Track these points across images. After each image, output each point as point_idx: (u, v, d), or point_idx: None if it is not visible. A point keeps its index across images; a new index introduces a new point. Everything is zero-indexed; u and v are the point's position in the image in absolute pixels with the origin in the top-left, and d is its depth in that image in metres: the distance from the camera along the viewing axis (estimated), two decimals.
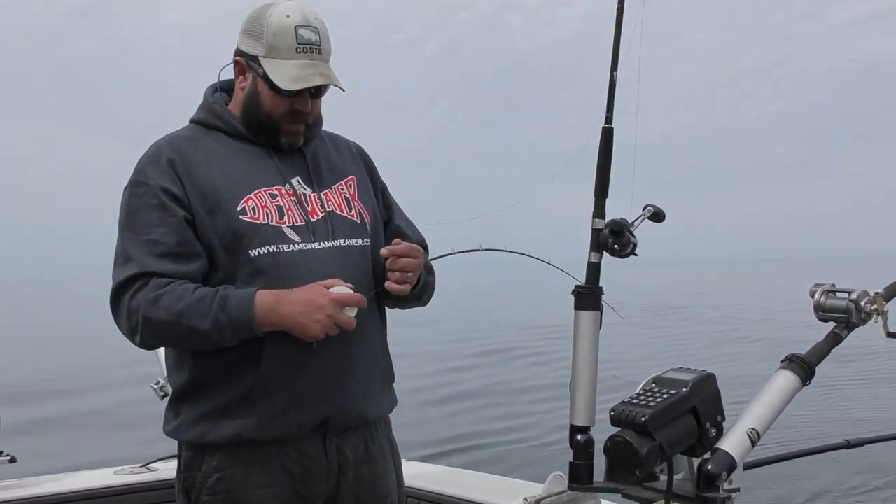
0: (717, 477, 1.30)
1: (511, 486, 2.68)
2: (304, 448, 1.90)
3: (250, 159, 1.95)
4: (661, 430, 1.32)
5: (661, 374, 1.44)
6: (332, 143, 2.12)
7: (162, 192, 1.86)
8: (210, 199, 1.87)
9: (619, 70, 1.55)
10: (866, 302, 1.47)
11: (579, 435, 1.47)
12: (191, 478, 1.91)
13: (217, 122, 1.98)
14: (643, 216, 1.55)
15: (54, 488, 2.59)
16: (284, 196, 1.93)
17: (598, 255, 1.55)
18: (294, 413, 1.87)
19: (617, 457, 1.33)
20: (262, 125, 1.95)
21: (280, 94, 1.90)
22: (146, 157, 1.92)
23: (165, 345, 1.95)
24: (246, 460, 1.88)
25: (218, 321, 1.78)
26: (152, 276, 1.81)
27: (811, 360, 1.45)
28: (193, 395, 1.91)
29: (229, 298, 1.79)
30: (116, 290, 1.85)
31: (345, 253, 1.94)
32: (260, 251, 1.85)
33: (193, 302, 1.79)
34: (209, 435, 1.87)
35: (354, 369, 1.94)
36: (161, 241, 1.83)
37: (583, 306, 1.52)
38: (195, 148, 1.94)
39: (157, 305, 1.79)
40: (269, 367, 1.84)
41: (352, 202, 2.03)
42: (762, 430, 1.37)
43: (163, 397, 2.98)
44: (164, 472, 2.80)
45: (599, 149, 1.58)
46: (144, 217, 1.86)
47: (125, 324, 1.84)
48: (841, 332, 1.50)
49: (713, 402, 1.40)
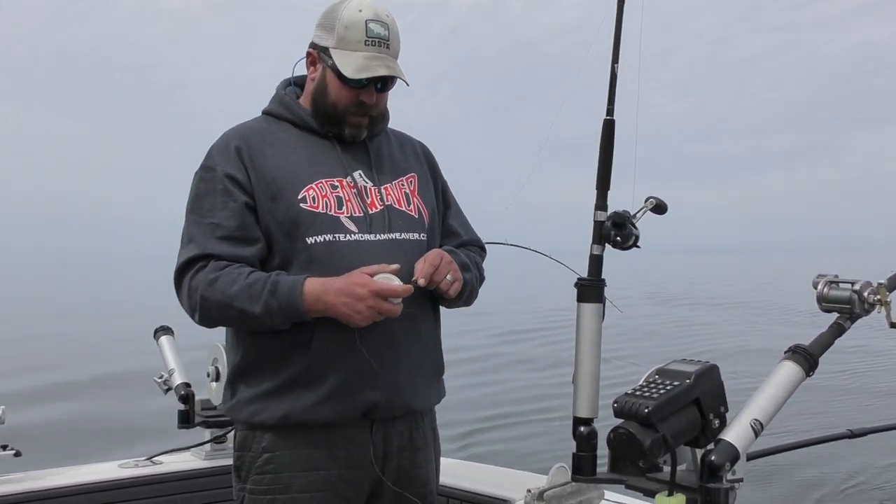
0: (720, 468, 1.30)
1: (514, 477, 2.69)
2: (351, 434, 1.95)
3: (315, 150, 2.03)
4: (665, 422, 1.32)
5: (664, 366, 1.45)
6: (396, 141, 2.19)
7: (226, 178, 1.95)
8: (272, 187, 1.94)
9: (620, 60, 1.55)
10: (869, 293, 1.47)
11: (582, 426, 1.48)
12: (242, 457, 2.00)
13: (286, 113, 2.06)
14: (645, 208, 1.55)
15: (59, 482, 2.60)
16: (345, 187, 1.99)
17: (601, 247, 1.55)
18: (341, 398, 1.91)
19: (620, 448, 1.33)
20: (327, 116, 2.02)
21: (346, 85, 1.97)
22: (216, 145, 2.02)
23: (221, 324, 2.00)
24: (293, 443, 1.94)
25: (268, 306, 1.84)
26: (211, 259, 1.90)
27: (814, 351, 1.45)
28: (248, 375, 1.98)
29: (279, 284, 1.85)
30: (179, 271, 1.95)
31: (400, 246, 1.99)
32: (316, 239, 1.92)
33: (246, 286, 1.86)
34: (260, 415, 1.94)
35: (403, 359, 1.98)
36: (222, 224, 1.92)
37: (585, 299, 1.52)
38: (262, 137, 2.02)
39: (214, 287, 1.87)
40: (318, 352, 1.90)
41: (411, 198, 2.09)
42: (766, 420, 1.37)
43: (166, 391, 3.00)
44: (169, 465, 2.81)
45: (601, 141, 1.57)
46: (209, 201, 1.95)
47: (186, 302, 1.94)
48: (844, 323, 1.50)
49: (716, 393, 1.40)
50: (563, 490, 1.98)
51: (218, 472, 2.82)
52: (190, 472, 2.80)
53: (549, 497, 1.95)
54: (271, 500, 1.94)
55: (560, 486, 1.99)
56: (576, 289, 1.52)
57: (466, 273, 2.07)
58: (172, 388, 2.96)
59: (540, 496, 1.96)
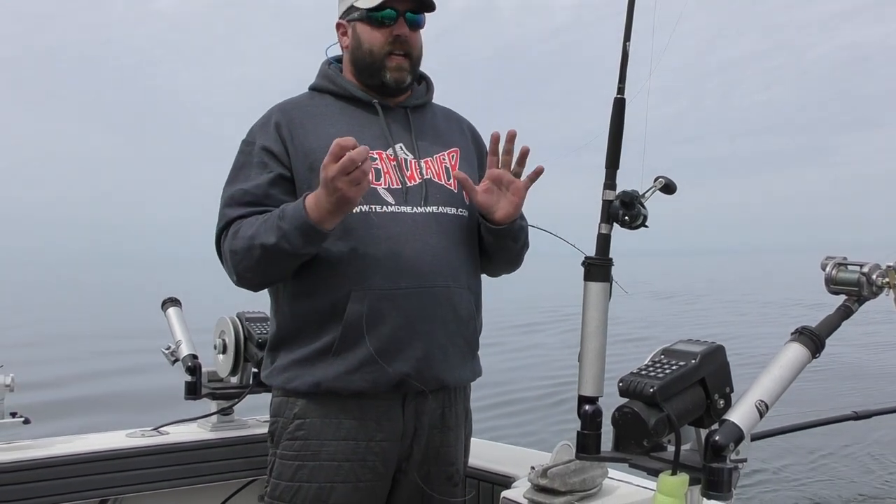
0: (724, 448, 1.30)
1: (519, 454, 2.69)
2: (383, 407, 1.97)
3: (357, 122, 2.05)
4: (670, 402, 1.32)
5: (670, 346, 1.44)
6: (442, 115, 2.21)
7: (263, 150, 2.01)
8: (311, 158, 1.97)
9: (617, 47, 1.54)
10: (878, 275, 1.46)
11: (587, 405, 1.48)
12: (276, 422, 2.04)
13: (328, 84, 2.10)
14: (654, 188, 1.54)
15: (66, 449, 2.62)
16: (385, 160, 2.01)
17: (609, 226, 1.54)
18: (373, 369, 1.92)
19: (625, 427, 1.33)
20: (367, 67, 2.05)
21: (375, 24, 2.01)
22: (259, 120, 2.08)
23: (254, 274, 1.97)
24: (325, 411, 1.97)
25: (281, 230, 1.86)
26: (234, 220, 1.97)
27: (821, 333, 1.44)
28: (285, 343, 2.02)
29: (286, 209, 1.88)
30: (216, 242, 2.03)
31: (437, 219, 2.00)
32: (353, 210, 1.90)
33: (261, 223, 1.91)
34: (294, 381, 1.98)
35: (438, 334, 1.98)
36: (250, 191, 1.98)
37: (593, 277, 1.51)
38: (302, 111, 2.06)
39: (237, 237, 1.94)
40: (351, 322, 1.92)
41: (451, 172, 2.08)
42: (771, 401, 1.37)
43: (173, 362, 3.01)
44: (175, 435, 2.83)
45: (611, 119, 1.57)
46: (245, 172, 2.02)
47: (225, 268, 2.01)
48: (852, 306, 1.49)
49: (722, 373, 1.40)
50: (567, 468, 1.99)
51: (224, 443, 2.84)
52: (196, 443, 2.81)
53: (552, 475, 1.96)
54: (300, 466, 1.97)
55: (564, 464, 2.00)
56: (583, 268, 1.52)
57: (522, 221, 2.09)
58: (180, 359, 2.97)
59: (544, 473, 1.97)
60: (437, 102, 2.25)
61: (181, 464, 2.75)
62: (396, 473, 2.03)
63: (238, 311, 2.91)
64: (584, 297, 1.52)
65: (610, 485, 2.12)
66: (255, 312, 2.88)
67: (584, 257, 1.53)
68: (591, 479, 2.03)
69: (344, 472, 1.96)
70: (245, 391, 2.88)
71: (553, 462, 2.02)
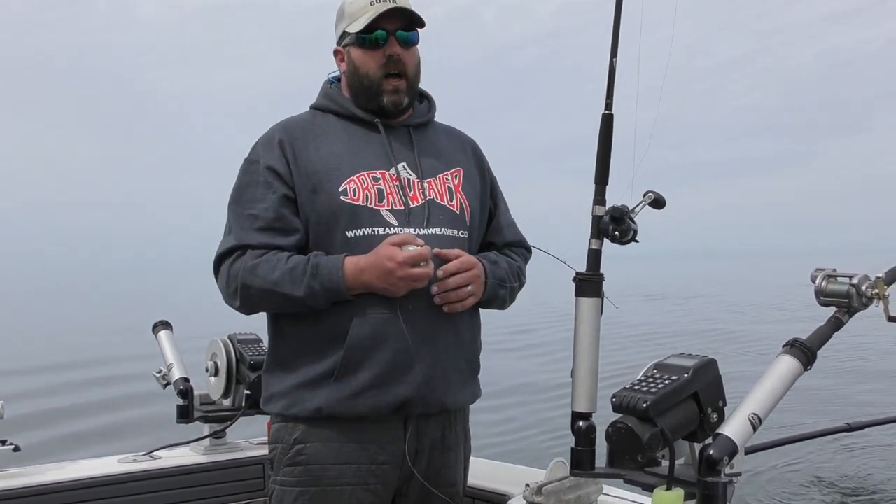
0: (718, 462, 1.30)
1: (513, 472, 2.69)
2: (384, 430, 1.96)
3: (359, 141, 2.04)
4: (663, 416, 1.32)
5: (662, 360, 1.45)
6: (444, 133, 2.19)
7: (268, 170, 1.98)
8: (314, 179, 1.96)
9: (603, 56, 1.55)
10: (867, 286, 1.47)
11: (581, 421, 1.48)
12: (275, 448, 2.01)
13: (330, 104, 2.09)
14: (643, 202, 1.55)
15: (58, 476, 2.59)
16: (387, 180, 1.99)
17: (599, 241, 1.54)
18: (376, 392, 1.91)
19: (619, 443, 1.33)
20: (364, 91, 2.04)
21: (367, 46, 2.01)
22: (262, 138, 2.06)
23: (263, 310, 2.02)
24: (326, 436, 1.95)
25: (311, 289, 1.87)
26: (248, 248, 1.94)
27: (812, 345, 1.45)
28: (284, 368, 2.00)
29: (320, 266, 1.88)
30: (217, 260, 2.00)
31: (439, 241, 1.97)
32: (356, 233, 1.93)
33: (287, 271, 1.89)
34: (294, 407, 1.96)
35: (440, 356, 1.97)
36: (261, 216, 1.96)
37: (584, 293, 1.52)
38: (305, 130, 2.05)
39: (255, 274, 1.91)
40: (355, 345, 1.90)
41: (454, 193, 2.07)
42: (764, 414, 1.37)
43: (165, 386, 3.00)
44: (168, 460, 2.81)
45: (599, 135, 1.57)
46: (250, 192, 1.99)
47: (225, 290, 1.98)
48: (842, 317, 1.50)
49: (715, 387, 1.40)
50: (562, 484, 1.98)
51: (217, 466, 2.82)
52: (189, 467, 2.79)
53: (547, 491, 1.95)
54: (301, 491, 1.95)
55: (559, 481, 1.99)
56: (574, 284, 1.52)
57: (501, 290, 2.07)
58: (171, 382, 2.95)
59: (538, 491, 1.97)
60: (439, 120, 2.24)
61: (174, 488, 2.73)
62: (396, 497, 2.02)
63: (230, 333, 2.90)
64: (575, 313, 1.52)
65: (605, 501, 2.11)
66: (247, 334, 2.87)
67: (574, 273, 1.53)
68: (587, 496, 2.02)
69: (346, 496, 1.94)
70: (238, 414, 2.86)
71: (548, 479, 2.01)
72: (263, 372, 2.09)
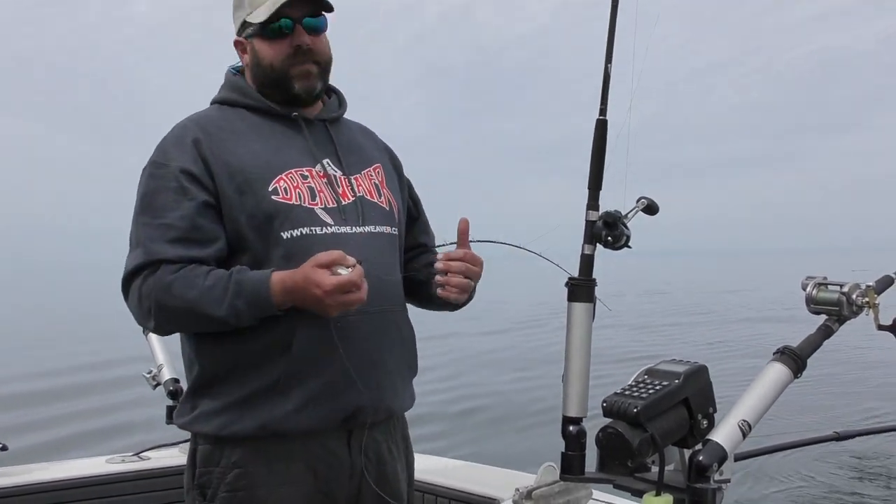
0: (708, 468, 1.31)
1: (503, 476, 2.69)
2: (329, 445, 1.83)
3: (280, 138, 1.90)
4: (653, 422, 1.33)
5: (653, 366, 1.45)
6: (358, 130, 2.09)
7: (182, 173, 1.79)
8: (239, 179, 1.81)
9: (595, 61, 1.55)
10: (858, 295, 1.48)
11: (571, 426, 1.48)
12: (207, 473, 1.83)
13: (241, 98, 1.93)
14: (637, 208, 1.55)
15: (46, 476, 2.59)
16: (315, 177, 1.87)
17: (592, 247, 1.54)
18: (324, 403, 1.79)
19: (609, 448, 1.33)
20: (273, 83, 1.90)
21: (272, 37, 1.86)
22: (169, 137, 1.86)
23: (180, 330, 1.86)
24: (269, 456, 1.80)
25: (234, 308, 1.71)
26: (162, 263, 1.75)
27: (802, 353, 1.45)
28: (215, 384, 1.82)
29: (244, 284, 1.72)
30: (126, 277, 1.79)
31: (376, 239, 1.89)
32: (292, 233, 1.80)
33: (206, 289, 1.72)
34: (232, 426, 1.79)
35: (387, 360, 1.88)
36: (175, 225, 1.77)
37: (577, 298, 1.52)
38: (222, 127, 1.88)
39: (170, 293, 1.73)
40: (301, 353, 1.77)
41: (381, 189, 1.98)
42: (753, 421, 1.37)
43: (155, 387, 2.99)
44: (157, 460, 2.80)
45: (593, 141, 1.57)
46: (161, 200, 1.79)
47: (136, 310, 1.79)
48: (832, 325, 1.50)
49: (705, 393, 1.40)
50: (552, 489, 1.99)
51: None
52: (178, 468, 2.78)
53: (537, 496, 1.96)
54: None
55: (548, 486, 2.00)
56: (567, 288, 1.52)
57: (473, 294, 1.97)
58: (161, 383, 2.95)
59: (528, 495, 1.97)
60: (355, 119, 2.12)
61: (163, 489, 2.73)
62: None
63: None
64: (567, 318, 1.52)
65: None
66: None
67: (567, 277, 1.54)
68: (576, 501, 2.02)
69: None
70: None
71: (537, 483, 2.02)
72: (186, 393, 1.90)
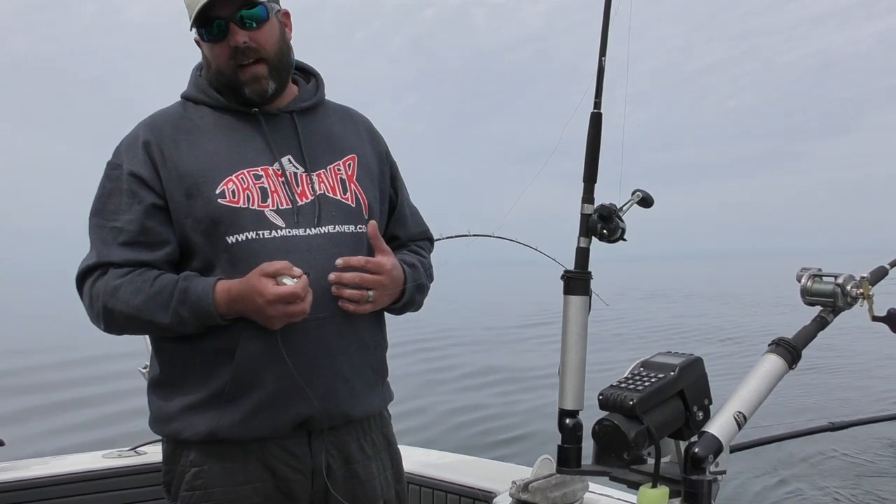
0: (703, 460, 1.31)
1: (499, 469, 2.69)
2: (288, 446, 1.81)
3: (237, 136, 1.84)
4: (649, 414, 1.33)
5: (649, 358, 1.45)
6: (337, 116, 2.00)
7: (131, 176, 1.78)
8: (187, 182, 1.77)
9: (590, 56, 1.55)
10: (852, 286, 1.48)
11: (568, 418, 1.48)
12: (170, 471, 1.85)
13: (201, 95, 1.88)
14: (632, 201, 1.55)
15: (43, 471, 2.59)
16: (271, 177, 1.80)
17: (587, 240, 1.55)
18: (272, 412, 1.76)
19: (605, 440, 1.34)
20: (225, 87, 1.84)
21: (210, 41, 1.80)
22: (126, 139, 1.85)
23: (130, 333, 1.85)
24: (223, 457, 1.79)
25: (178, 315, 1.71)
26: (111, 266, 1.76)
27: (797, 344, 1.46)
28: (170, 387, 1.83)
29: (189, 292, 1.71)
30: (78, 278, 1.82)
31: (333, 240, 1.81)
32: (238, 238, 1.75)
33: (152, 295, 1.72)
34: (185, 432, 1.79)
35: (340, 366, 1.82)
36: (125, 228, 1.77)
37: (572, 291, 1.52)
38: (176, 127, 1.84)
39: (116, 297, 1.74)
40: (244, 363, 1.74)
41: (348, 184, 1.88)
42: (749, 413, 1.38)
43: None
44: (153, 455, 2.80)
45: (588, 134, 1.58)
46: (114, 202, 1.80)
47: (88, 310, 1.81)
48: (827, 317, 1.51)
49: (701, 385, 1.41)
50: (548, 482, 1.99)
51: None
52: None
53: (534, 489, 1.96)
54: None
55: (545, 478, 2.00)
56: (562, 281, 1.53)
57: (419, 295, 1.95)
58: None
59: (525, 488, 1.97)
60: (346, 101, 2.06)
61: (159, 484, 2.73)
62: None
63: None
64: (563, 311, 1.52)
65: (591, 498, 2.12)
66: None
67: (563, 270, 1.54)
68: (573, 493, 2.03)
69: None
70: None
71: (534, 476, 2.02)
72: (148, 390, 1.90)
